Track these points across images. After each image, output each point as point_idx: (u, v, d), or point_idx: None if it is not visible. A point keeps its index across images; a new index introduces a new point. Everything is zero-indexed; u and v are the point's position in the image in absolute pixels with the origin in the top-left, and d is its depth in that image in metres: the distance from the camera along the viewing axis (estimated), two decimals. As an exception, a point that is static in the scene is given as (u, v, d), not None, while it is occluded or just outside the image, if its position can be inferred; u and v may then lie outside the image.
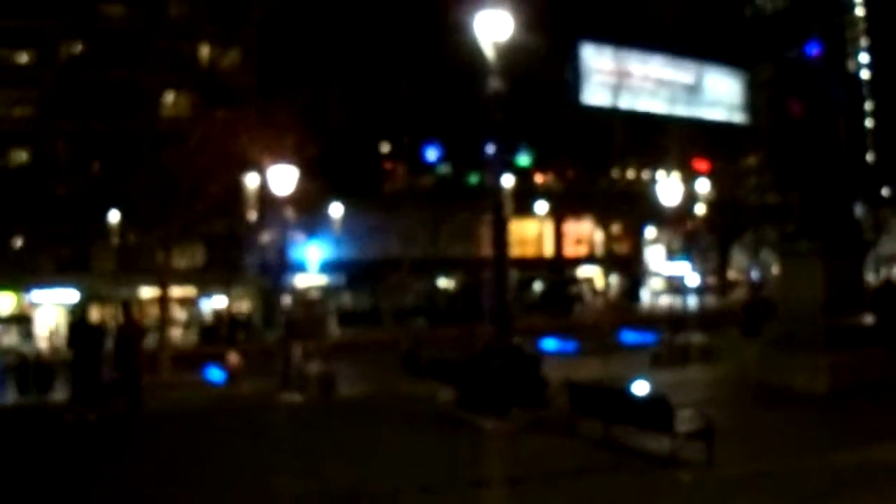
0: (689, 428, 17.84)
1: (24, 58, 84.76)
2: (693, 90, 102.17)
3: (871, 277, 68.63)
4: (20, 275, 76.94)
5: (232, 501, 15.88)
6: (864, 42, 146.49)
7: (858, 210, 60.90)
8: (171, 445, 21.82)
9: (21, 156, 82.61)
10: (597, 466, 17.96)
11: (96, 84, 57.96)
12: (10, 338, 75.03)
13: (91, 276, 79.06)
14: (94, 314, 59.97)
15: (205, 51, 61.59)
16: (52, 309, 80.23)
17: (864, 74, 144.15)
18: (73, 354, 28.41)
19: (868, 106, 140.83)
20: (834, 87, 31.35)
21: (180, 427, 25.33)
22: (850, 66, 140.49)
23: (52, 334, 74.35)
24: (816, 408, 23.27)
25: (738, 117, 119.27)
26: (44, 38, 77.85)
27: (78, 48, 68.06)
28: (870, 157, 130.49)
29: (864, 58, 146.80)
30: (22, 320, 79.55)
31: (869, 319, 27.42)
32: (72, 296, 78.34)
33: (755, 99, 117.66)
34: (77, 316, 44.27)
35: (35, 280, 78.46)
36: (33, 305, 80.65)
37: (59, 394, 42.65)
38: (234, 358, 48.32)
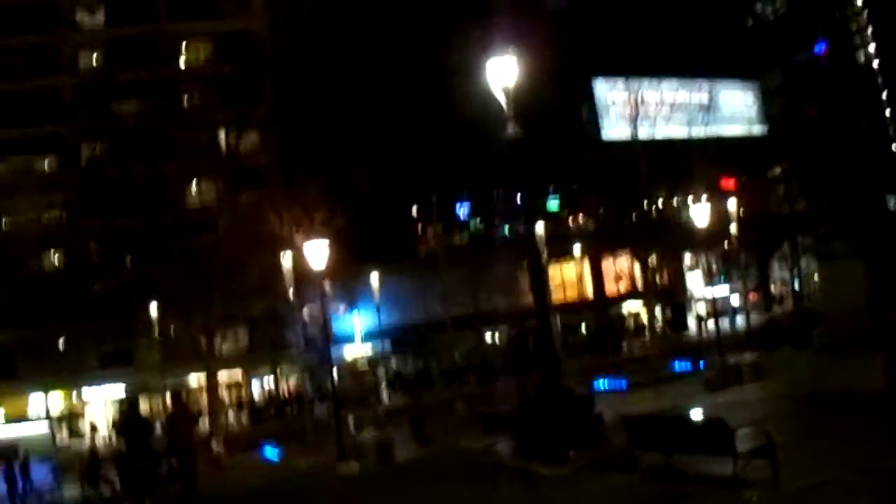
0: (749, 447, 17.70)
1: (46, 163, 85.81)
2: (708, 109, 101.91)
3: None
4: (67, 373, 77.44)
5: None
6: (869, 30, 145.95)
7: (892, 202, 60.56)
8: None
9: (54, 258, 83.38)
10: (661, 498, 17.84)
11: (119, 182, 58.32)
12: (61, 434, 75.22)
13: (137, 368, 79.51)
14: (143, 406, 60.23)
15: (223, 136, 61.95)
16: (100, 405, 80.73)
17: (875, 64, 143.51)
18: (125, 446, 28.62)
19: (884, 95, 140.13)
20: (846, 83, 31.34)
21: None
22: (859, 57, 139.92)
23: (97, 429, 74.70)
24: (875, 408, 22.90)
25: (756, 129, 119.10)
26: (64, 143, 78.90)
27: (97, 149, 68.63)
28: (894, 145, 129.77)
29: (871, 46, 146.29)
30: (73, 417, 79.95)
31: (917, 312, 27.20)
32: (119, 390, 78.84)
33: (769, 108, 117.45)
34: (127, 408, 44.49)
35: (82, 377, 78.98)
36: (83, 402, 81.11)
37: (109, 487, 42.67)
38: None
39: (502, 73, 21.97)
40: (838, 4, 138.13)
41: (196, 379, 71.66)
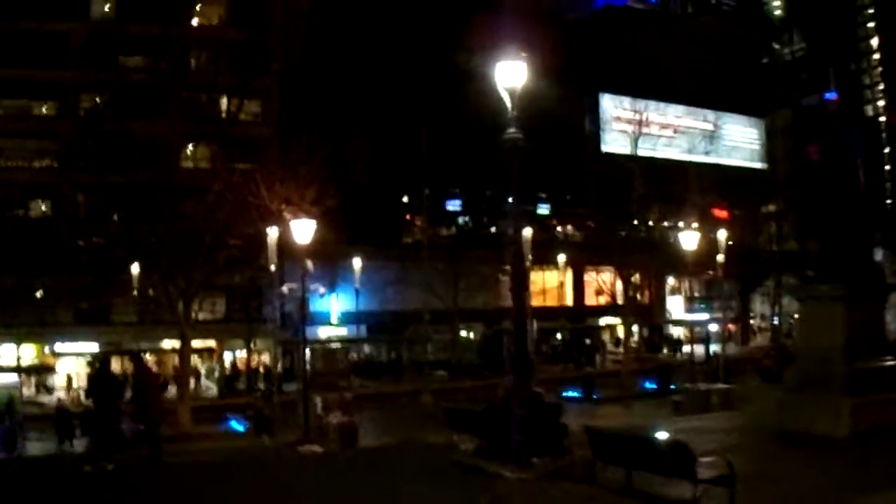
0: (710, 474, 17.79)
1: (44, 109, 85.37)
2: (711, 138, 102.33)
3: (893, 322, 68.46)
4: (41, 326, 77.02)
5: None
6: (881, 86, 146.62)
7: (879, 254, 60.92)
8: (187, 496, 21.79)
9: (41, 207, 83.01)
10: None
11: (116, 136, 58.02)
12: (28, 389, 74.85)
13: (111, 327, 79.21)
14: (115, 365, 60.06)
15: (224, 102, 61.75)
16: (72, 361, 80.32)
17: (882, 119, 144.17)
18: (93, 405, 28.48)
19: (886, 150, 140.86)
20: (851, 133, 31.37)
21: (198, 478, 25.30)
22: (868, 110, 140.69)
23: (72, 385, 74.31)
24: (838, 452, 23.10)
25: (756, 164, 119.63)
26: (65, 90, 78.41)
27: (98, 100, 68.19)
28: (889, 201, 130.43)
29: (881, 102, 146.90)
30: (43, 371, 79.49)
31: (891, 363, 27.32)
32: (92, 348, 78.43)
33: (773, 145, 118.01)
34: (97, 368, 44.31)
35: (56, 331, 78.54)
36: (55, 356, 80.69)
37: (80, 443, 42.60)
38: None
39: (510, 74, 21.97)
40: (854, 56, 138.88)
41: (170, 343, 71.43)
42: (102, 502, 21.27)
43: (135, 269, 63.64)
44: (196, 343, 65.11)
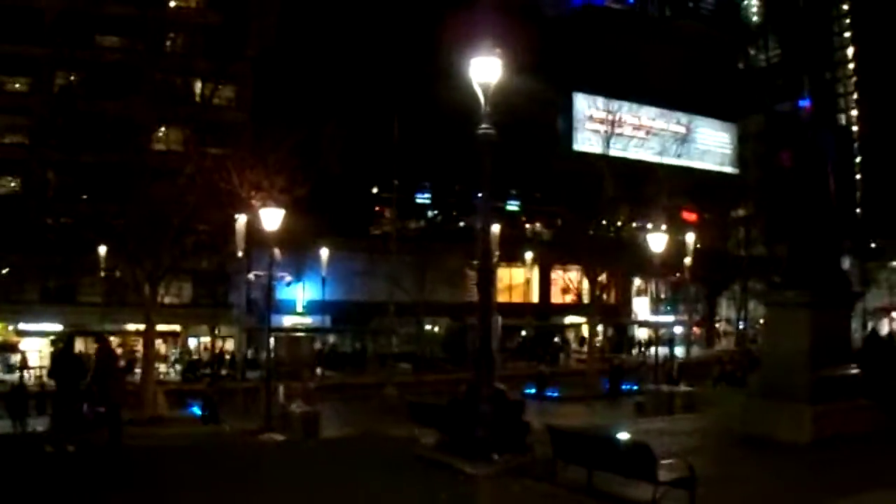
0: (671, 476, 17.82)
1: (17, 85, 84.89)
2: (683, 141, 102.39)
3: (858, 330, 68.87)
4: (7, 303, 76.72)
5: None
6: (855, 96, 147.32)
7: (847, 262, 61.34)
8: (147, 481, 21.71)
9: (10, 184, 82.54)
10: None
11: (88, 115, 57.58)
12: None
13: (77, 308, 78.85)
14: (79, 346, 59.75)
15: (199, 86, 61.41)
16: (36, 341, 79.94)
17: (855, 128, 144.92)
18: (55, 385, 28.35)
19: (858, 159, 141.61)
20: (823, 141, 31.51)
21: (158, 462, 25.23)
22: (841, 119, 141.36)
23: (28, 365, 73.86)
24: (799, 458, 23.22)
25: (727, 168, 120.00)
26: (39, 66, 77.85)
27: (72, 78, 67.65)
28: (858, 210, 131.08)
29: (854, 112, 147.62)
30: (6, 349, 79.09)
31: (854, 371, 27.44)
32: (57, 328, 78.08)
33: (744, 150, 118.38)
34: (60, 347, 44.09)
35: (21, 310, 78.16)
36: (19, 335, 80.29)
37: (41, 423, 42.33)
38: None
39: (485, 70, 21.96)
40: (829, 65, 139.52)
41: (135, 326, 71.05)
42: (65, 484, 21.14)
43: (102, 250, 63.36)
44: (161, 327, 64.80)
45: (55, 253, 67.66)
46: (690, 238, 67.89)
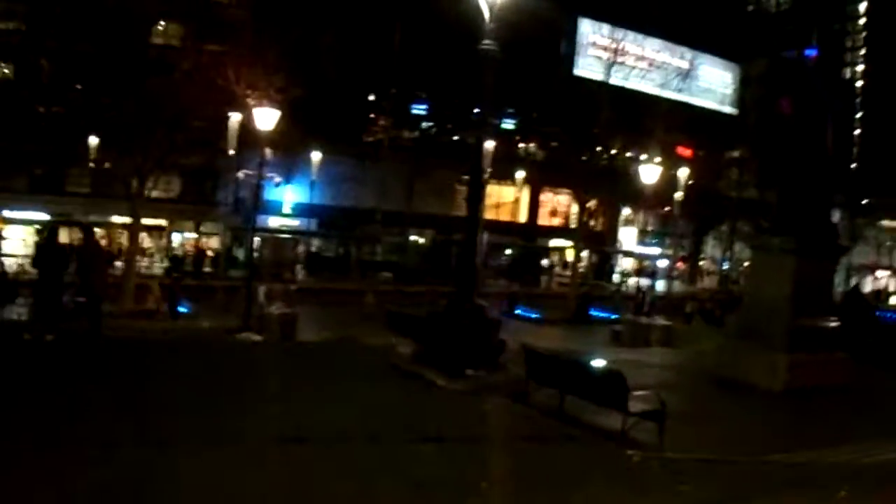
0: (642, 408, 17.88)
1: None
2: (686, 76, 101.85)
3: (842, 285, 69.06)
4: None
5: (173, 435, 15.68)
6: (862, 51, 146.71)
7: (837, 216, 61.37)
8: (122, 373, 21.73)
9: (4, 70, 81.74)
10: (544, 434, 17.96)
11: (87, 4, 56.97)
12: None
13: (64, 198, 78.51)
14: (64, 236, 59.68)
15: (200, -21, 60.94)
16: (21, 229, 79.65)
17: (859, 83, 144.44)
18: (37, 274, 28.26)
19: (858, 115, 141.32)
20: (825, 91, 31.30)
21: (134, 356, 25.28)
22: (846, 73, 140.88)
23: (12, 253, 73.54)
24: (771, 405, 23.40)
25: (727, 108, 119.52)
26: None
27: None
28: (854, 165, 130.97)
29: (860, 67, 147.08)
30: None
31: (834, 323, 27.50)
32: (43, 217, 77.75)
33: (746, 93, 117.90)
34: (44, 237, 43.95)
35: (8, 198, 77.73)
36: (4, 222, 79.95)
37: (22, 311, 42.28)
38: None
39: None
40: (840, 17, 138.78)
41: (120, 219, 70.71)
42: (39, 371, 21.15)
43: (93, 140, 63.01)
44: (146, 221, 64.65)
45: (45, 142, 67.27)
46: (683, 173, 67.77)
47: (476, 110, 28.54)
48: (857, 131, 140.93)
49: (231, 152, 50.16)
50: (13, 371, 20.64)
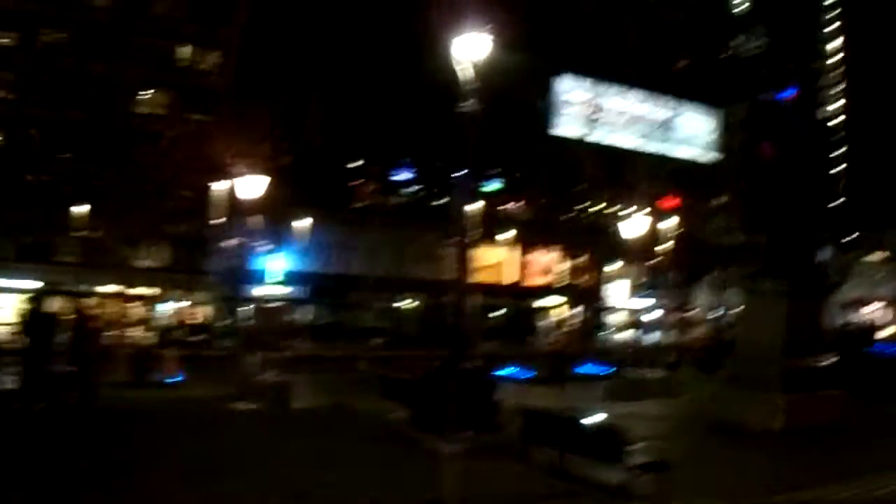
0: (641, 460, 17.83)
1: (5, 40, 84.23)
2: (667, 127, 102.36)
3: (834, 321, 69.08)
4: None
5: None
6: (841, 86, 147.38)
7: (826, 253, 61.57)
8: (116, 442, 21.65)
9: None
10: (547, 493, 17.90)
11: (75, 74, 57.33)
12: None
13: (53, 266, 78.49)
14: (53, 306, 59.58)
15: (185, 51, 61.27)
16: (10, 298, 79.45)
17: (839, 120, 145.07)
18: (27, 343, 28.17)
19: (840, 151, 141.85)
20: (806, 131, 31.51)
21: (128, 425, 25.18)
22: (827, 110, 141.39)
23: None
24: (771, 446, 23.39)
25: (709, 156, 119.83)
26: (27, 22, 77.19)
27: (60, 36, 67.11)
28: (839, 201, 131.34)
29: (841, 102, 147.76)
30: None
31: (828, 361, 27.55)
32: (32, 286, 77.57)
33: (728, 139, 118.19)
34: (34, 305, 43.78)
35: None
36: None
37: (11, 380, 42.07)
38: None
39: (472, 47, 21.90)
40: (817, 56, 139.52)
41: (110, 288, 70.69)
42: (28, 440, 21.05)
43: (81, 209, 63.14)
44: (137, 290, 64.67)
45: (35, 209, 67.36)
46: (670, 223, 67.97)
47: (458, 173, 28.65)
48: (842, 166, 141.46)
49: (220, 221, 50.28)
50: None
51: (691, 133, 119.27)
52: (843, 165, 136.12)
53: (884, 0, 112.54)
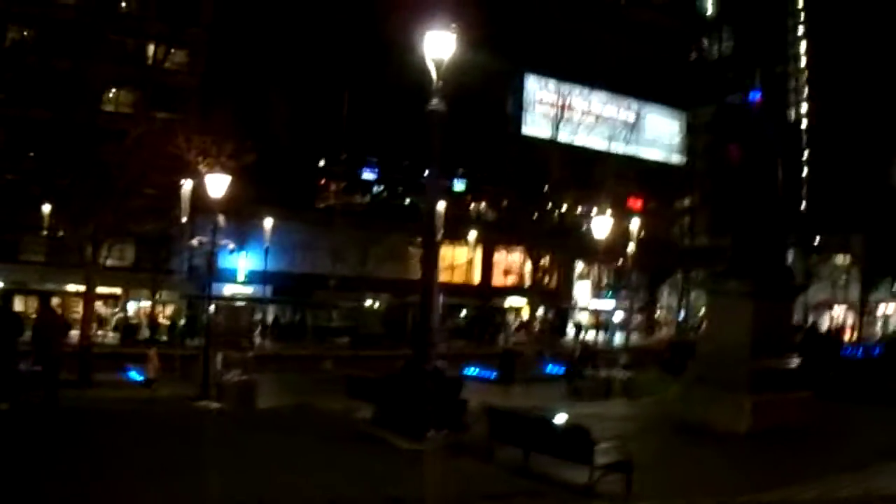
0: (607, 460, 17.84)
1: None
2: (633, 128, 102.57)
3: (800, 323, 69.40)
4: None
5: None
6: (805, 91, 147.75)
7: (791, 256, 61.85)
8: (79, 441, 21.52)
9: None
10: (513, 493, 17.86)
11: (40, 72, 57.01)
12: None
13: (18, 266, 78.12)
14: (18, 305, 59.31)
15: (152, 49, 61.03)
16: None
17: (804, 123, 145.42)
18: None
19: (805, 155, 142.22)
20: (772, 134, 31.62)
21: (93, 425, 25.04)
22: (792, 114, 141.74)
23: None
24: (736, 448, 23.42)
25: (675, 158, 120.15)
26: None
27: (25, 34, 66.69)
28: (804, 204, 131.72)
29: (804, 106, 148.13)
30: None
31: (794, 363, 27.63)
32: (-3, 284, 77.26)
33: (693, 141, 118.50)
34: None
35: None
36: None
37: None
38: (154, 357, 47.96)
39: (438, 45, 21.89)
40: (783, 60, 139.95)
41: (75, 287, 70.42)
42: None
43: (46, 208, 62.86)
44: (101, 289, 64.34)
45: (-1, 209, 67.04)
46: (635, 225, 68.11)
47: (426, 172, 28.61)
48: (806, 171, 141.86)
49: (184, 219, 50.06)
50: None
51: (656, 135, 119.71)
52: (807, 169, 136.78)
53: (848, 5, 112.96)
